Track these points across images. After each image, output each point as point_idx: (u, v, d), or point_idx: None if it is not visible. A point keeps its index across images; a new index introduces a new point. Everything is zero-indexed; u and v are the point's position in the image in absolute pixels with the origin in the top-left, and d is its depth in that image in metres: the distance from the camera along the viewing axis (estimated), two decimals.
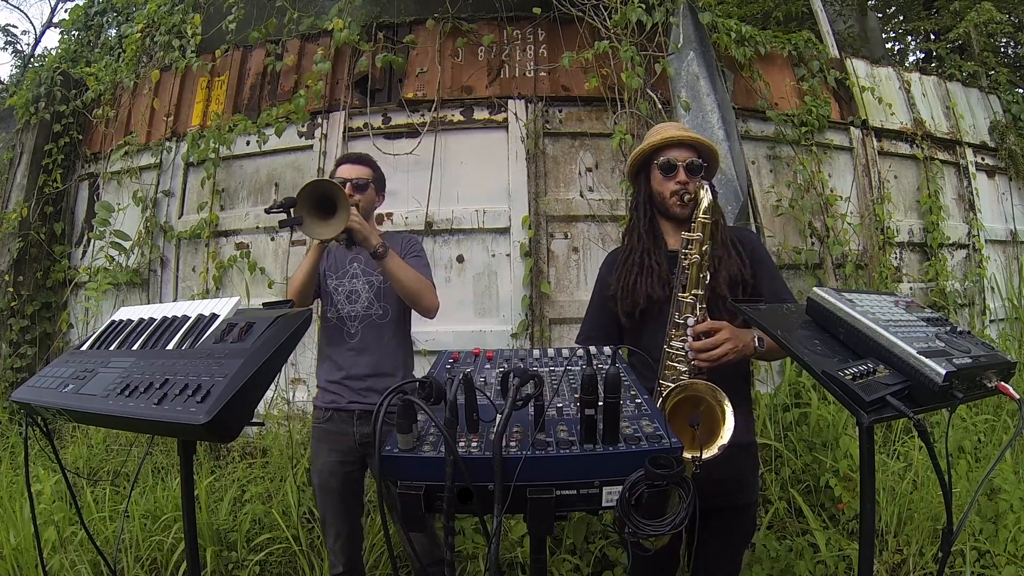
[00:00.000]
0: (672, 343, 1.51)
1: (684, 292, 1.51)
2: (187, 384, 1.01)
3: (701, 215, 1.50)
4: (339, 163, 2.10)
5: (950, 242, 4.30)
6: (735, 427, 1.39)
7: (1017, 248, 4.79)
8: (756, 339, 1.51)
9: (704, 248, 1.50)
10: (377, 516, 2.50)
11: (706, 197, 1.51)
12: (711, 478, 1.45)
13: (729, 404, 1.39)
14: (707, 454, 1.37)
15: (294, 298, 1.88)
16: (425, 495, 0.86)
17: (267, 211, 1.66)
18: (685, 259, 1.51)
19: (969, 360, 1.01)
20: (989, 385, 1.04)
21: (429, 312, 1.99)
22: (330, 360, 2.04)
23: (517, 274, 3.34)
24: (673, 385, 1.45)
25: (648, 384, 1.54)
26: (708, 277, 1.51)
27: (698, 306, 1.49)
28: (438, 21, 3.52)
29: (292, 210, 1.65)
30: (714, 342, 1.45)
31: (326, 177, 1.99)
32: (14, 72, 11.29)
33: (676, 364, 1.50)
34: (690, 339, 1.48)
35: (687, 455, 1.34)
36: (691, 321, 1.48)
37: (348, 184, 1.98)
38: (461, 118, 3.49)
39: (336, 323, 2.01)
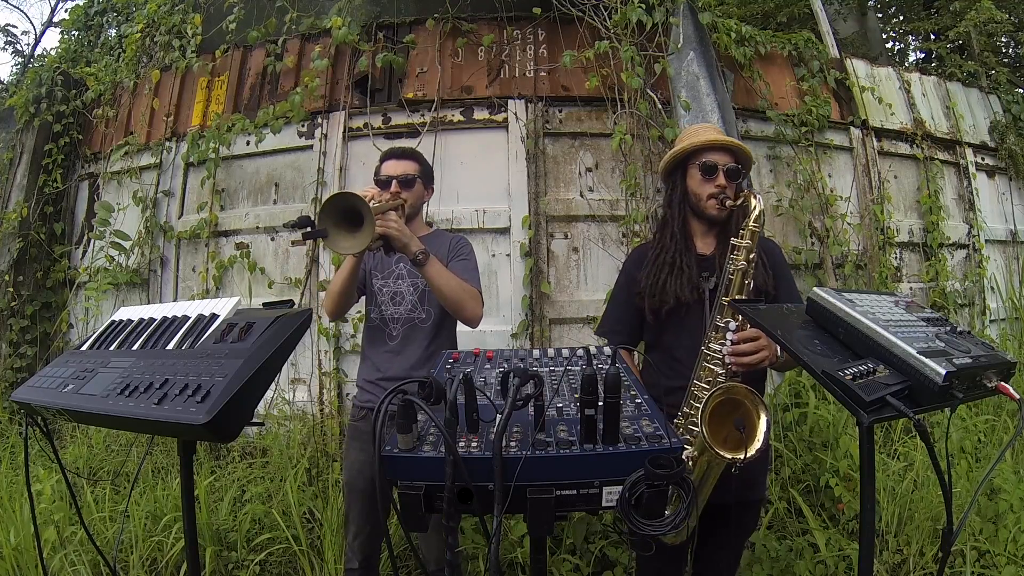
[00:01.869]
0: (711, 345, 1.53)
1: (727, 297, 1.53)
2: (187, 384, 1.01)
3: (752, 223, 1.52)
4: (384, 158, 2.02)
5: (950, 242, 4.30)
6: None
7: (1017, 248, 4.79)
8: (779, 349, 1.54)
9: (751, 256, 1.51)
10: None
11: (757, 205, 1.53)
12: (727, 475, 1.46)
13: (765, 409, 1.41)
14: (748, 455, 1.39)
15: (335, 300, 1.86)
16: (425, 495, 0.86)
17: (286, 225, 1.57)
18: (731, 264, 1.53)
19: (969, 360, 1.01)
20: (989, 385, 1.04)
21: (471, 322, 1.90)
22: (369, 360, 2.02)
23: (517, 274, 3.34)
24: (717, 386, 1.47)
25: (669, 383, 1.56)
26: (752, 284, 1.53)
27: None
28: (438, 21, 3.52)
29: (315, 223, 1.54)
30: (755, 347, 1.48)
31: (345, 189, 1.93)
32: (14, 72, 11.30)
33: (712, 366, 1.52)
34: (730, 343, 1.50)
35: (728, 455, 1.37)
36: (732, 326, 1.50)
37: (394, 181, 1.93)
38: (461, 118, 3.49)
39: (379, 324, 1.99)
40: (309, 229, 1.51)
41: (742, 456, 1.36)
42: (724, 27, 3.64)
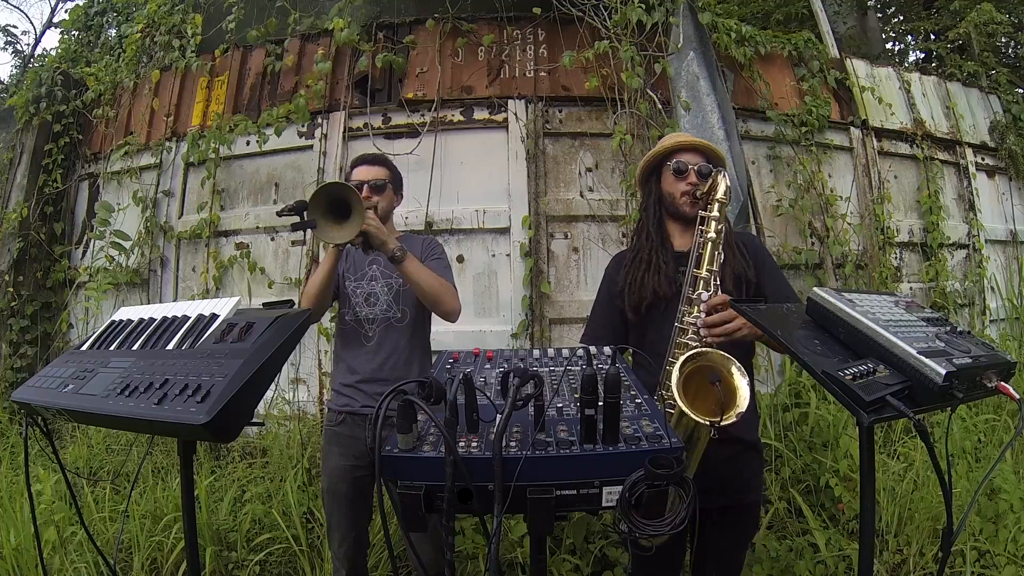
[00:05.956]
0: (684, 319, 1.52)
1: (699, 268, 1.53)
2: (187, 384, 1.01)
3: (719, 196, 1.55)
4: (355, 164, 2.05)
5: (950, 242, 4.30)
6: (740, 424, 1.37)
7: (1017, 248, 4.79)
8: None
9: (720, 227, 1.53)
10: (377, 517, 2.50)
11: (723, 181, 1.56)
12: (717, 477, 1.45)
13: (743, 374, 1.34)
14: (725, 422, 1.32)
15: (311, 302, 1.86)
16: (425, 495, 0.86)
17: (279, 214, 1.62)
18: (701, 236, 1.54)
19: (969, 360, 1.01)
20: (989, 385, 1.03)
21: (450, 316, 1.95)
22: (344, 363, 2.01)
23: (517, 274, 3.34)
24: (688, 353, 1.40)
25: (653, 380, 1.53)
26: (722, 256, 1.54)
27: (712, 282, 1.51)
28: (438, 21, 3.52)
29: (305, 213, 1.60)
30: (729, 315, 1.45)
31: (336, 180, 1.96)
32: (14, 72, 11.31)
33: (687, 341, 1.50)
34: (703, 315, 1.48)
35: (704, 420, 1.30)
36: (704, 296, 1.50)
37: (366, 186, 1.95)
38: (461, 118, 3.49)
39: (353, 325, 1.99)
40: (299, 220, 1.57)
41: (719, 419, 1.27)
42: (724, 27, 3.64)
